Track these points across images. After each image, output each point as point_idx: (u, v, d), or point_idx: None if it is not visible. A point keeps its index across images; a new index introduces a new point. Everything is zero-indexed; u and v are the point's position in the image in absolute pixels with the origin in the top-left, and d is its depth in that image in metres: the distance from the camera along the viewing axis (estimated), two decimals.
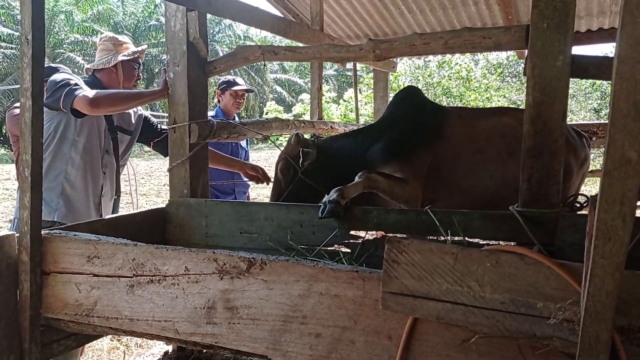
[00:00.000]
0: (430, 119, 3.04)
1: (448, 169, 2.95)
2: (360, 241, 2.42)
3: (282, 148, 3.12)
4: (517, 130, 2.94)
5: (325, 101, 11.74)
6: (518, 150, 2.92)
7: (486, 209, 2.87)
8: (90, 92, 2.76)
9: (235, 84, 4.51)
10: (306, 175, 2.99)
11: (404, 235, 2.13)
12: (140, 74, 3.33)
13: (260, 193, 11.49)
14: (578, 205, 2.26)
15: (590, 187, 10.77)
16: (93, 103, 2.71)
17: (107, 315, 1.84)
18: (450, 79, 16.99)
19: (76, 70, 27.35)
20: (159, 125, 3.45)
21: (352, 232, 2.44)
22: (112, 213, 3.23)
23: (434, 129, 2.99)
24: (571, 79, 1.90)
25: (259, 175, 3.55)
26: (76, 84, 2.82)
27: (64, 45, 29.09)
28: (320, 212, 2.33)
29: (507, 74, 23.16)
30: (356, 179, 2.53)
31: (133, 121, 3.30)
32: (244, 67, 30.88)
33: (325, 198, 2.38)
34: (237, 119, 4.53)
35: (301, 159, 2.97)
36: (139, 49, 3.27)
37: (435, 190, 2.96)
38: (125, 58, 3.14)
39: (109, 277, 1.83)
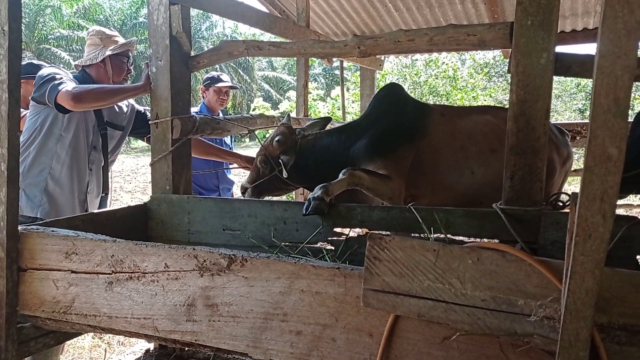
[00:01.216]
0: (413, 116, 3.04)
1: (430, 165, 2.95)
2: (343, 238, 2.41)
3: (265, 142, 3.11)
4: (498, 128, 2.96)
5: (313, 99, 11.70)
6: (499, 148, 2.94)
7: (469, 207, 2.88)
8: (73, 87, 2.71)
9: (219, 80, 4.46)
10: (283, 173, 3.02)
11: (387, 232, 2.12)
12: (131, 68, 3.28)
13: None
14: (561, 203, 2.27)
15: (575, 186, 10.87)
16: (75, 98, 2.66)
17: (85, 312, 1.81)
18: (437, 78, 17.02)
19: (61, 66, 27.06)
20: None
21: (336, 229, 2.43)
22: None
23: (416, 126, 3.00)
24: (556, 79, 1.90)
25: None
26: (61, 79, 2.77)
27: (49, 41, 28.71)
28: (305, 209, 2.32)
29: (493, 74, 23.28)
30: (340, 175, 2.52)
31: (125, 116, 3.25)
32: (232, 64, 30.79)
33: (310, 195, 2.37)
34: (221, 115, 4.49)
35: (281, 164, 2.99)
36: (127, 41, 3.22)
37: (418, 186, 2.96)
38: (113, 53, 3.10)
39: (87, 274, 1.79)
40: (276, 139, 3.03)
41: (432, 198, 3.00)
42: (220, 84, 4.42)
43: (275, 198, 3.71)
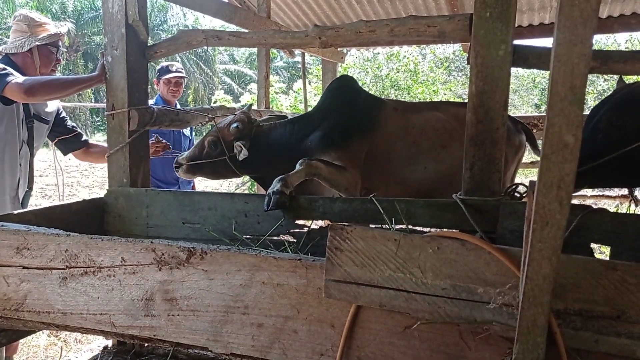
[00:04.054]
0: (366, 108, 3.07)
1: (384, 159, 2.99)
2: (305, 230, 2.39)
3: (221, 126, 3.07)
4: (449, 124, 3.04)
5: (275, 92, 11.62)
6: (450, 143, 3.00)
7: (433, 194, 2.92)
8: (24, 80, 2.60)
9: (167, 71, 4.31)
10: (233, 161, 2.99)
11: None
12: (60, 58, 3.14)
13: (208, 185, 11.31)
14: (518, 195, 2.31)
15: (534, 177, 11.10)
16: (28, 91, 2.55)
17: (38, 309, 1.74)
18: (398, 72, 17.17)
19: None
20: (69, 122, 3.30)
21: (298, 222, 2.41)
22: (22, 207, 3.05)
23: (369, 118, 3.02)
24: (513, 75, 1.94)
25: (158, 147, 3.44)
26: (4, 69, 2.65)
27: (1, 30, 27.61)
28: (266, 205, 2.30)
29: (453, 68, 23.66)
30: (297, 166, 2.52)
31: (49, 110, 3.13)
32: (193, 56, 30.29)
33: (269, 189, 2.35)
34: (178, 106, 4.40)
35: (234, 150, 2.96)
36: (57, 32, 3.07)
37: (373, 180, 2.99)
38: (40, 43, 2.96)
39: (40, 270, 1.73)
40: (235, 124, 2.98)
41: (386, 192, 3.03)
42: (168, 75, 4.29)
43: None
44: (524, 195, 2.30)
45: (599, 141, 2.21)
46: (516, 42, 1.94)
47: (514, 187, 2.27)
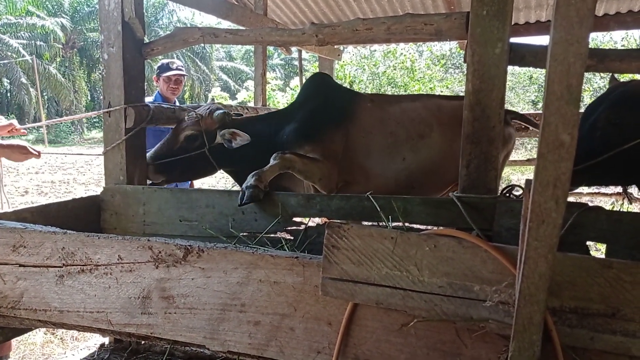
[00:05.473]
0: (340, 101, 3.08)
1: (362, 152, 3.00)
2: (302, 228, 2.40)
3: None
4: (428, 115, 3.07)
5: (272, 89, 11.61)
6: (428, 133, 3.00)
7: (402, 193, 2.93)
8: None
9: (167, 69, 4.29)
10: (213, 153, 2.89)
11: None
12: None
13: (205, 182, 11.30)
14: (514, 197, 2.30)
15: (530, 175, 11.14)
16: None
17: (34, 307, 1.74)
18: (395, 69, 17.15)
19: (9, 53, 25.97)
20: None
21: (295, 219, 2.41)
22: None
23: (344, 110, 3.03)
24: (510, 72, 1.94)
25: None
26: None
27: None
28: (240, 200, 2.33)
29: (450, 66, 23.63)
30: (271, 160, 2.52)
31: None
32: (189, 53, 30.19)
33: (244, 185, 2.36)
34: (177, 104, 4.39)
35: (216, 140, 2.86)
36: None
37: (352, 172, 3.00)
38: None
39: (37, 267, 1.73)
40: (219, 111, 2.85)
41: (366, 184, 3.02)
42: (168, 73, 4.28)
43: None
44: (520, 197, 2.30)
45: (597, 139, 2.21)
46: (513, 40, 1.95)
47: (509, 188, 2.27)
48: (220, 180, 11.98)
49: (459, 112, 3.21)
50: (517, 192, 2.21)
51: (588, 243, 1.95)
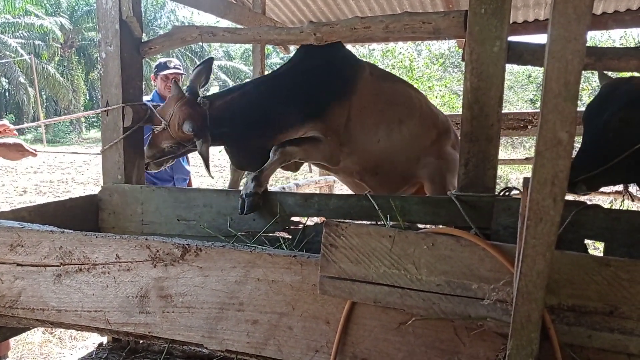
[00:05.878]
0: (346, 70, 2.85)
1: (357, 125, 2.83)
2: (300, 227, 2.39)
3: None
4: (415, 100, 3.01)
5: None
6: (407, 119, 2.93)
7: (364, 179, 2.88)
8: None
9: (165, 67, 4.27)
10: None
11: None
12: None
13: (203, 181, 11.29)
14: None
15: (528, 173, 11.13)
16: None
17: (32, 306, 1.74)
18: (393, 68, 17.16)
19: (8, 53, 25.93)
20: None
21: (294, 218, 2.41)
22: None
23: (349, 82, 2.81)
24: (508, 71, 1.93)
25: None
26: None
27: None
28: (240, 209, 2.33)
29: (448, 65, 23.64)
30: (271, 156, 2.47)
31: None
32: (188, 52, 30.15)
33: (242, 191, 2.35)
34: None
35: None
36: None
37: (342, 145, 2.83)
38: None
39: (34, 267, 1.73)
40: (187, 127, 2.49)
41: (345, 160, 2.88)
42: (165, 71, 4.26)
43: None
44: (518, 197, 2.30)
45: (611, 140, 2.14)
46: (511, 38, 1.94)
47: (507, 189, 2.27)
48: (219, 180, 11.97)
49: (440, 115, 3.20)
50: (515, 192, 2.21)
51: (586, 241, 1.95)
